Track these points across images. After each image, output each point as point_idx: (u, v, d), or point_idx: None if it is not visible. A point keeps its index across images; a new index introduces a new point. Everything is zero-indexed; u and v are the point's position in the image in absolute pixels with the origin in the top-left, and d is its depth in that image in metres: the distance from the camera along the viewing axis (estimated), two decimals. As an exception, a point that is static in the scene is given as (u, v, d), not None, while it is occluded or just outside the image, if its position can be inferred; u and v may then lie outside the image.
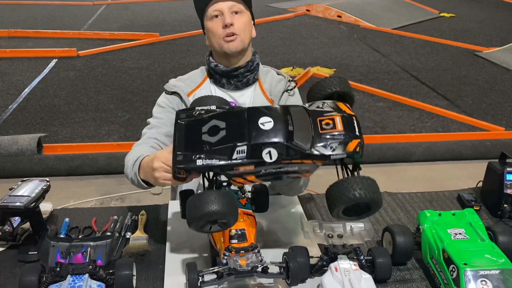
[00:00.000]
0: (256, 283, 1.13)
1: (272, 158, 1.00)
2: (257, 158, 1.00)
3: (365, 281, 1.06)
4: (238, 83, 1.53)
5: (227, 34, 1.45)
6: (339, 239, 1.19)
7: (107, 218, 1.41)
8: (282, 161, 1.01)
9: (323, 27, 7.12)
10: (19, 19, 7.04)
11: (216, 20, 1.47)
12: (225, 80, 1.53)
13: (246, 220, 1.17)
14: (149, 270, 1.20)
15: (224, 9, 1.45)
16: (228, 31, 1.45)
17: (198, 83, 1.57)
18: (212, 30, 1.48)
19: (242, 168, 1.01)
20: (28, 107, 4.04)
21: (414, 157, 3.38)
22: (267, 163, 1.00)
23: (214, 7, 1.46)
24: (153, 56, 5.48)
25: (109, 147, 3.26)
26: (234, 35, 1.46)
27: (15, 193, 1.24)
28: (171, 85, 1.56)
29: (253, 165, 1.01)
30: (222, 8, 1.46)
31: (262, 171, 1.03)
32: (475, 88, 4.77)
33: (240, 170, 1.02)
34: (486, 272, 1.05)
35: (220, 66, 1.51)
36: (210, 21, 1.48)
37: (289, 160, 1.02)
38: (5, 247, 1.27)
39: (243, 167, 1.01)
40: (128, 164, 1.40)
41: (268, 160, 1.00)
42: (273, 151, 1.00)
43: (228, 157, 1.00)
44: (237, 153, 1.00)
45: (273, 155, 1.00)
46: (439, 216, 1.27)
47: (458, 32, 7.03)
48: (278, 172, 1.05)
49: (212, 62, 1.53)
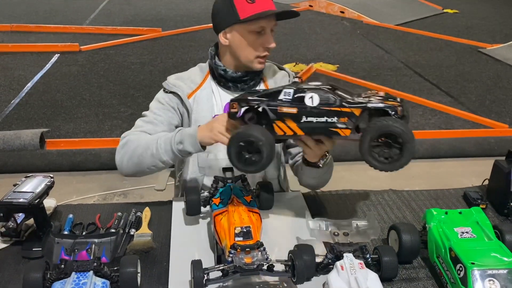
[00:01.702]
0: (262, 281, 1.12)
1: (313, 103, 1.10)
2: (300, 101, 1.11)
3: (371, 280, 1.05)
4: (245, 86, 1.50)
5: (264, 56, 1.42)
6: (345, 237, 1.19)
7: (111, 214, 1.40)
8: (322, 107, 1.10)
9: (326, 22, 7.09)
10: (21, 14, 7.03)
11: (257, 36, 1.40)
12: (232, 84, 1.50)
13: (251, 218, 1.17)
14: (154, 267, 1.19)
15: (268, 29, 1.40)
16: (267, 53, 1.42)
17: (198, 83, 1.52)
18: (248, 45, 1.41)
19: (285, 109, 1.11)
20: (31, 102, 4.04)
21: (418, 154, 3.37)
22: (309, 107, 1.10)
23: (261, 23, 1.38)
24: (155, 51, 5.46)
25: (111, 143, 3.25)
26: (267, 56, 1.43)
27: (19, 189, 1.23)
28: (171, 84, 1.51)
29: (296, 108, 1.11)
30: (267, 26, 1.40)
31: (303, 119, 1.12)
32: (478, 85, 4.75)
33: (283, 110, 1.12)
34: (494, 272, 1.04)
35: (229, 72, 1.47)
36: (250, 33, 1.39)
37: (329, 107, 1.10)
38: (9, 243, 1.26)
39: (287, 108, 1.11)
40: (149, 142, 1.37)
41: (310, 104, 1.10)
42: (315, 96, 1.10)
43: (275, 98, 1.13)
44: (283, 94, 1.12)
45: (315, 100, 1.10)
46: (445, 214, 1.26)
47: (462, 28, 7.00)
48: (318, 124, 1.12)
49: (220, 66, 1.48)
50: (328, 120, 1.11)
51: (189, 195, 1.29)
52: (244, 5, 1.37)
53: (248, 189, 1.32)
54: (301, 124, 1.13)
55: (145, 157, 1.37)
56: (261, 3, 1.38)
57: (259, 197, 1.33)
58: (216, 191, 1.31)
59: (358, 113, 1.10)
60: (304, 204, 1.49)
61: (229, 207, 1.20)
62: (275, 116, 1.13)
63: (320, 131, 1.14)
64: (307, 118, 1.12)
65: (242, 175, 1.34)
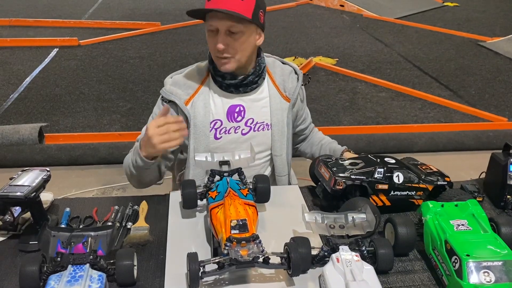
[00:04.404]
0: (258, 273, 1.12)
1: (399, 180, 1.39)
2: (390, 179, 1.38)
3: (366, 272, 1.05)
4: (247, 88, 1.50)
5: (218, 57, 1.40)
6: (341, 230, 1.19)
7: (108, 208, 1.40)
8: (406, 184, 1.39)
9: (325, 16, 7.07)
10: (20, 8, 7.00)
11: (212, 35, 1.39)
12: (233, 88, 1.49)
13: (247, 211, 1.17)
14: (150, 260, 1.20)
15: (221, 29, 1.36)
16: (220, 55, 1.39)
17: (195, 88, 1.50)
18: (208, 45, 1.42)
19: (380, 186, 1.38)
20: (29, 96, 4.03)
21: (416, 147, 3.37)
22: (396, 184, 1.38)
23: (210, 22, 1.37)
24: (154, 46, 5.45)
25: (110, 137, 3.26)
26: (226, 58, 1.40)
27: (16, 183, 1.23)
28: (168, 91, 1.49)
29: (387, 185, 1.38)
30: (218, 26, 1.36)
31: (391, 192, 1.39)
32: (478, 78, 4.74)
33: (379, 187, 1.38)
34: (489, 264, 1.05)
35: (227, 79, 1.46)
36: (207, 33, 1.41)
37: (411, 183, 1.40)
38: (6, 237, 1.27)
39: (381, 185, 1.38)
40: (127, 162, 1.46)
41: (397, 181, 1.39)
42: (400, 175, 1.39)
43: (371, 176, 1.38)
44: (377, 173, 1.38)
45: (400, 178, 1.39)
46: (441, 207, 1.26)
47: (462, 21, 6.98)
48: (401, 196, 1.40)
49: (218, 71, 1.46)
50: (408, 194, 1.41)
51: (185, 188, 1.29)
52: (205, 2, 1.38)
53: (245, 182, 1.32)
54: (389, 197, 1.40)
55: (135, 175, 1.46)
56: (215, 1, 1.33)
57: (256, 190, 1.33)
58: (212, 184, 1.31)
59: (430, 189, 1.42)
60: (301, 196, 1.49)
61: (225, 200, 1.20)
62: (372, 191, 1.38)
63: (401, 202, 1.42)
64: (394, 192, 1.40)
65: (239, 168, 1.34)
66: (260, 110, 1.53)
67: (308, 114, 1.74)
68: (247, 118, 1.52)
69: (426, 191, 1.43)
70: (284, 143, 1.57)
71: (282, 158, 1.59)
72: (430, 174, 1.47)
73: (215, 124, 1.50)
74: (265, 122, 1.54)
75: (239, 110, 1.51)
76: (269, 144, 1.57)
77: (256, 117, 1.53)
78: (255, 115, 1.53)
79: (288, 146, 1.60)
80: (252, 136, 1.53)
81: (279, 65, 1.59)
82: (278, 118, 1.54)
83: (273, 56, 1.62)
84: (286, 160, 1.60)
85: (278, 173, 1.61)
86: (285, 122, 1.56)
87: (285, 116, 1.55)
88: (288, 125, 1.57)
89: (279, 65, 1.59)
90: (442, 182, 1.44)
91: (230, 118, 1.51)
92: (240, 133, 1.53)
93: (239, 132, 1.52)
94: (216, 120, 1.50)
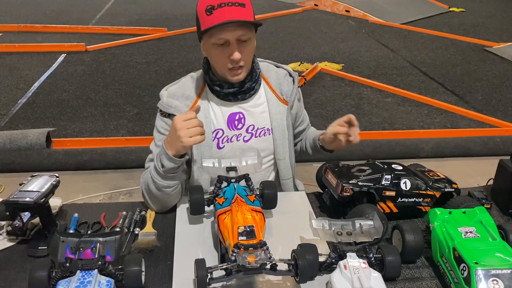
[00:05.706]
0: (265, 280, 1.12)
1: (407, 187, 1.39)
2: (397, 186, 1.38)
3: (374, 279, 1.05)
4: (245, 95, 1.50)
5: (234, 67, 1.39)
6: (348, 237, 1.19)
7: (116, 213, 1.41)
8: (413, 191, 1.39)
9: (331, 21, 7.08)
10: (28, 14, 7.07)
11: (222, 49, 1.36)
12: (232, 96, 1.48)
13: (254, 217, 1.17)
14: (158, 266, 1.20)
15: (231, 39, 1.33)
16: (236, 65, 1.38)
17: (194, 99, 1.49)
18: (216, 58, 1.40)
19: (387, 192, 1.38)
20: (37, 101, 4.07)
21: (423, 153, 3.36)
22: (403, 190, 1.38)
23: (219, 35, 1.33)
24: (161, 51, 5.48)
25: (117, 142, 3.27)
26: (241, 67, 1.39)
27: (25, 188, 1.24)
28: (166, 105, 1.47)
29: (394, 192, 1.38)
30: (229, 37, 1.33)
31: (399, 199, 1.39)
32: (485, 84, 4.73)
33: (386, 194, 1.38)
34: (498, 272, 1.04)
35: (224, 87, 1.46)
36: (214, 47, 1.37)
37: (418, 190, 1.40)
38: (15, 242, 1.28)
39: (389, 192, 1.38)
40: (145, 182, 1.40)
41: (404, 188, 1.39)
42: (407, 182, 1.39)
43: (378, 183, 1.38)
44: (384, 180, 1.38)
45: (408, 184, 1.39)
46: (449, 214, 1.26)
47: (468, 27, 6.97)
48: (408, 203, 1.40)
49: (216, 81, 1.46)
50: (416, 200, 1.41)
51: (193, 194, 1.30)
52: (204, 18, 1.34)
53: (252, 188, 1.32)
54: (397, 204, 1.40)
55: (157, 193, 1.39)
56: (218, 14, 1.30)
57: (263, 196, 1.33)
58: (219, 191, 1.31)
59: (438, 195, 1.42)
60: (308, 203, 1.49)
61: (232, 206, 1.21)
62: (379, 198, 1.39)
63: (408, 209, 1.42)
64: (402, 199, 1.40)
65: (246, 175, 1.35)
66: (259, 115, 1.54)
67: (306, 115, 1.75)
68: (247, 125, 1.53)
69: (434, 198, 1.42)
70: (286, 146, 1.58)
71: (286, 162, 1.59)
72: (438, 180, 1.46)
73: (217, 133, 1.51)
74: (266, 127, 1.55)
75: (239, 117, 1.51)
76: (272, 149, 1.58)
77: (256, 123, 1.53)
78: (255, 121, 1.53)
79: (291, 148, 1.60)
80: (254, 143, 1.54)
81: (273, 69, 1.59)
82: (278, 122, 1.55)
83: (266, 60, 1.62)
84: (289, 163, 1.60)
85: (282, 177, 1.61)
86: (285, 125, 1.56)
87: (284, 119, 1.56)
88: (289, 128, 1.58)
89: (273, 69, 1.59)
90: (450, 189, 1.44)
91: (231, 126, 1.51)
92: (242, 141, 1.53)
93: (241, 139, 1.53)
94: (217, 129, 1.50)
